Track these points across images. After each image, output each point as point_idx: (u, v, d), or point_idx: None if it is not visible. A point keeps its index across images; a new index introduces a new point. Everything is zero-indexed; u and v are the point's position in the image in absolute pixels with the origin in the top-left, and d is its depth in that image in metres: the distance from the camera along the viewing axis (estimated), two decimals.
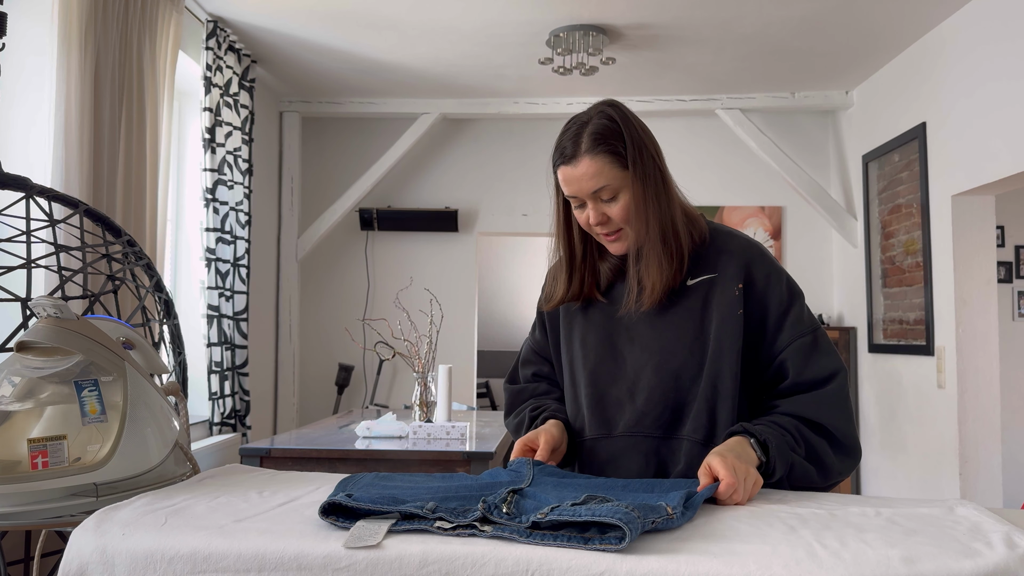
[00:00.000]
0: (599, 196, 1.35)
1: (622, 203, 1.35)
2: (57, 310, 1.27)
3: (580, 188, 1.35)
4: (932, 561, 0.89)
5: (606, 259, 1.47)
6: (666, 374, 1.37)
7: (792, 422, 1.32)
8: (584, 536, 0.93)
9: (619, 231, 1.38)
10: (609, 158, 1.34)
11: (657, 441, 1.38)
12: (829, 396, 1.35)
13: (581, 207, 1.38)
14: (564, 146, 1.37)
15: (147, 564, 0.96)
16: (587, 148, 1.34)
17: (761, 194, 5.11)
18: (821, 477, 1.31)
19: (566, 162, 1.35)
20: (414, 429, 2.78)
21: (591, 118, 1.37)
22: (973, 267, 3.66)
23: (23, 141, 2.51)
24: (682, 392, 1.37)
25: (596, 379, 1.43)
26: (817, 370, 1.36)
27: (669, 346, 1.38)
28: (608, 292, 1.47)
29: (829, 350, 1.39)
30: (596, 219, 1.36)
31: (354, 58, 4.23)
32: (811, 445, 1.31)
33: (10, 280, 1.90)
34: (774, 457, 1.26)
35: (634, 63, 4.25)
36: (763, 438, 1.27)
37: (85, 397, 1.23)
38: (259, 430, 4.50)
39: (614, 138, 1.34)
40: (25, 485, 1.15)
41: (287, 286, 4.91)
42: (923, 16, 3.66)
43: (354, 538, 0.94)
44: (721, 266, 1.41)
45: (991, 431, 3.61)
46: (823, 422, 1.33)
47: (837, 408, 1.35)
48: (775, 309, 1.39)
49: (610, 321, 1.45)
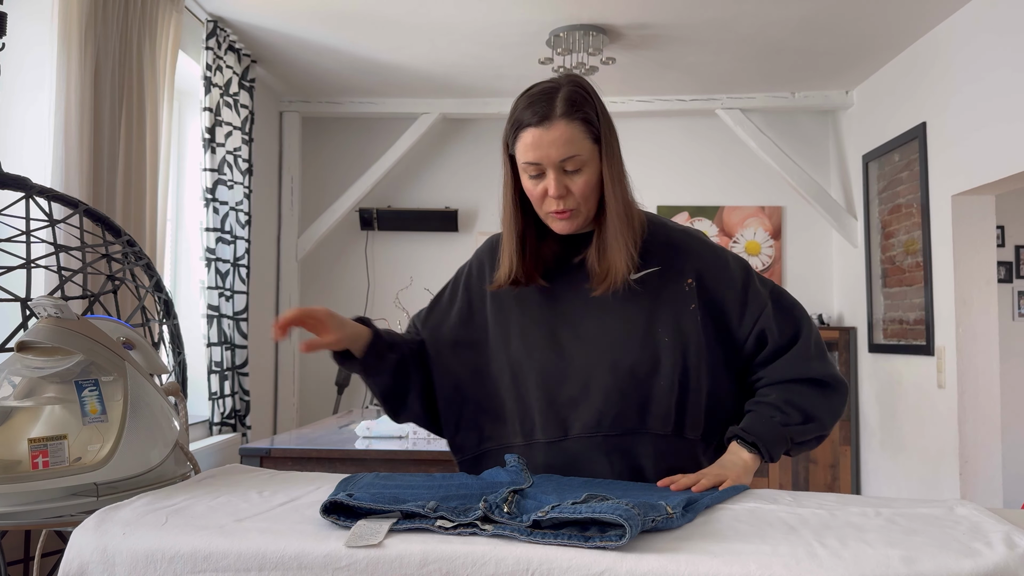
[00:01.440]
0: (564, 166, 1.29)
1: (585, 177, 1.30)
2: (57, 310, 1.27)
3: (548, 154, 1.27)
4: (932, 561, 0.89)
5: (545, 246, 1.40)
6: (621, 371, 1.32)
7: (779, 396, 1.36)
8: (585, 535, 0.93)
9: (574, 208, 1.32)
10: (583, 127, 1.28)
11: (619, 439, 1.32)
12: (804, 348, 1.39)
13: (538, 177, 1.31)
14: (533, 108, 1.28)
15: (148, 564, 0.96)
16: (563, 112, 1.27)
17: (761, 194, 5.11)
18: (820, 427, 1.37)
19: (538, 124, 1.27)
20: (414, 429, 2.78)
21: (561, 85, 1.30)
22: (973, 267, 3.66)
23: (23, 141, 2.51)
24: (641, 388, 1.32)
25: (546, 380, 1.35)
26: (788, 329, 1.40)
27: (620, 341, 1.33)
28: (548, 278, 1.39)
29: (791, 303, 1.43)
30: (557, 191, 1.29)
31: (354, 58, 4.23)
32: (804, 408, 1.35)
33: (10, 280, 1.90)
34: (767, 450, 1.32)
35: (634, 63, 4.25)
36: (751, 439, 1.32)
37: (86, 397, 1.23)
38: (259, 430, 4.50)
39: (588, 107, 1.30)
40: (25, 485, 1.15)
41: (287, 286, 4.91)
42: (923, 16, 3.66)
43: (355, 537, 0.94)
44: (666, 259, 1.37)
45: (991, 431, 3.61)
46: (809, 375, 1.38)
47: (815, 356, 1.39)
48: (733, 291, 1.39)
49: (552, 316, 1.38)
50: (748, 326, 1.38)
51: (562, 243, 1.40)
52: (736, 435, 1.34)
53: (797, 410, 1.35)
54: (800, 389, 1.37)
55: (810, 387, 1.38)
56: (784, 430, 1.33)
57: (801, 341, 1.39)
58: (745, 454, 1.32)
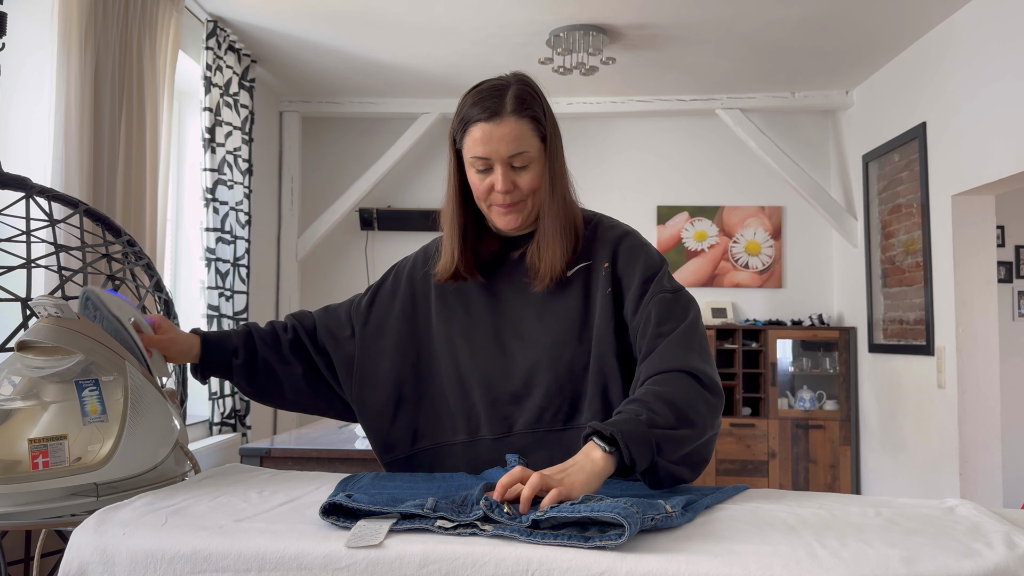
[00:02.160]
0: (512, 162, 1.31)
1: (532, 174, 1.33)
2: (58, 309, 1.27)
3: (497, 149, 1.30)
4: (932, 561, 0.89)
5: (486, 242, 1.42)
6: (560, 368, 1.34)
7: (651, 388, 1.21)
8: (585, 535, 0.93)
9: (520, 203, 1.34)
10: (531, 124, 1.31)
11: (559, 434, 1.34)
12: (683, 334, 1.28)
13: (485, 172, 1.33)
14: (482, 105, 1.31)
15: (147, 564, 0.96)
16: (513, 109, 1.30)
17: (761, 194, 5.11)
18: (696, 433, 1.19)
19: (488, 119, 1.29)
20: None
21: (510, 83, 1.33)
22: (973, 267, 3.66)
23: (23, 141, 2.51)
24: (576, 383, 1.34)
25: (489, 378, 1.37)
26: (676, 316, 1.30)
27: (558, 338, 1.35)
28: (486, 275, 1.42)
29: (687, 300, 1.35)
30: (504, 186, 1.31)
31: (354, 58, 4.23)
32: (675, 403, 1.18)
33: (10, 280, 1.89)
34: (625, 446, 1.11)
35: (634, 63, 4.25)
36: (609, 432, 1.12)
37: (86, 397, 1.23)
38: (259, 430, 4.50)
39: (536, 106, 1.32)
40: (25, 485, 1.15)
41: (287, 286, 4.91)
42: (923, 16, 3.66)
43: (356, 538, 0.94)
44: (595, 253, 1.39)
45: (991, 431, 3.61)
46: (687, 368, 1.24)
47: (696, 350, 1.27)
48: (640, 275, 1.35)
49: (494, 314, 1.40)
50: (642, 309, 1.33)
51: (501, 241, 1.43)
52: (595, 430, 1.14)
53: (670, 407, 1.18)
54: (677, 380, 1.23)
55: (689, 380, 1.23)
56: (648, 432, 1.13)
57: (682, 329, 1.28)
58: (597, 454, 1.11)
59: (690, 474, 1.21)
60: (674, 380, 1.23)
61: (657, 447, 1.14)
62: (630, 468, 1.13)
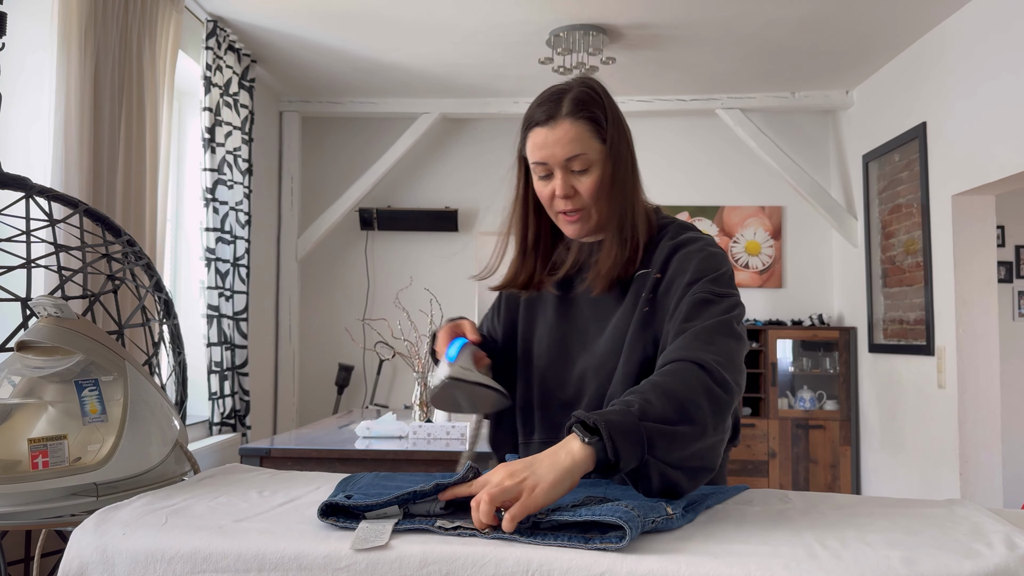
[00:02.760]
0: (570, 166, 1.28)
1: (593, 178, 1.29)
2: (58, 309, 1.27)
3: (554, 153, 1.27)
4: (932, 562, 0.89)
5: (562, 248, 1.39)
6: (604, 377, 1.30)
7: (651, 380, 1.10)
8: (585, 536, 0.93)
9: (581, 211, 1.31)
10: (589, 126, 1.28)
11: None
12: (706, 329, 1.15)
13: (547, 178, 1.30)
14: (542, 108, 1.29)
15: (147, 564, 0.96)
16: (568, 111, 1.27)
17: (761, 194, 5.11)
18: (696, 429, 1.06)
19: (543, 123, 1.28)
20: (414, 429, 2.78)
21: (572, 87, 1.31)
22: (973, 267, 3.66)
23: (23, 141, 2.51)
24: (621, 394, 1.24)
25: (544, 382, 1.37)
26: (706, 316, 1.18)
27: (608, 347, 1.31)
28: (562, 285, 1.38)
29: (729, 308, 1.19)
30: (563, 191, 1.28)
31: (354, 58, 4.22)
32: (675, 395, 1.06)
33: (10, 280, 1.89)
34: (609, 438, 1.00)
35: (634, 63, 4.25)
36: (592, 421, 1.01)
37: (85, 397, 1.23)
38: (259, 430, 4.50)
39: (596, 108, 1.29)
40: (25, 485, 1.15)
41: (287, 286, 4.91)
42: (923, 16, 3.66)
43: (360, 540, 0.94)
44: (655, 259, 1.32)
45: (991, 431, 3.61)
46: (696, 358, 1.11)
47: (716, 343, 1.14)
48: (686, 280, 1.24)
49: (564, 321, 1.38)
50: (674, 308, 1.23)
51: (578, 248, 1.38)
52: (577, 419, 1.03)
53: (665, 398, 1.05)
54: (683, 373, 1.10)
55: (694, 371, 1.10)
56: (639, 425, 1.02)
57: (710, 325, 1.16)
58: (575, 445, 1.01)
59: (687, 481, 1.07)
60: (680, 370, 1.11)
61: (648, 442, 1.01)
62: (614, 465, 1.01)
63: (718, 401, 1.09)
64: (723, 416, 1.10)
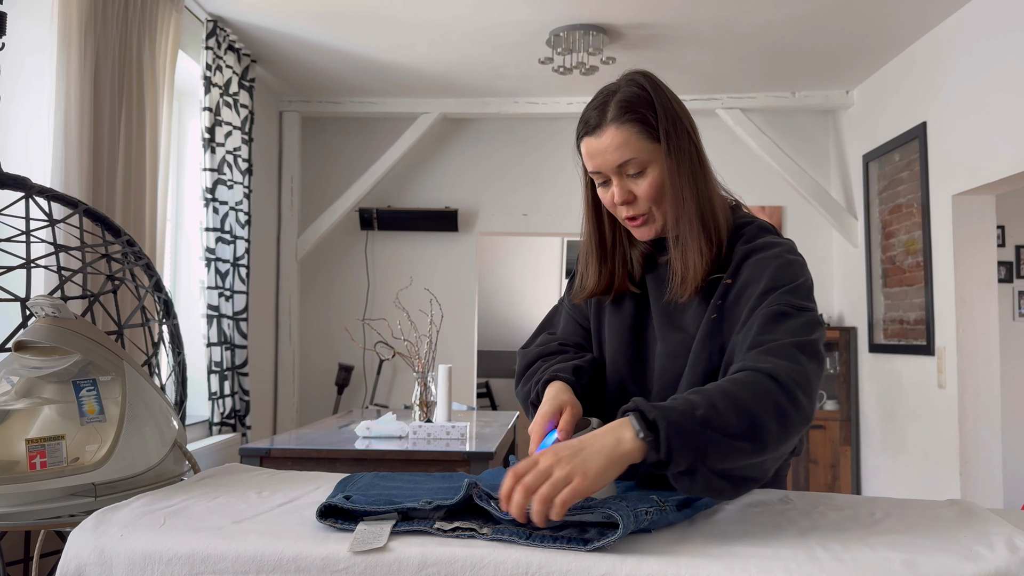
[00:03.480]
0: (624, 171, 1.24)
1: (650, 179, 1.24)
2: (55, 309, 1.27)
3: (603, 161, 1.24)
4: (933, 564, 0.89)
5: (637, 246, 1.34)
6: (668, 380, 1.26)
7: (721, 386, 1.04)
8: (584, 537, 0.93)
9: (645, 214, 1.26)
10: (637, 128, 1.22)
11: None
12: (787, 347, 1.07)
13: (605, 184, 1.27)
14: (588, 116, 1.26)
15: (145, 565, 0.96)
16: (613, 117, 1.23)
17: (761, 194, 5.10)
18: (756, 446, 1.00)
19: (590, 132, 1.25)
20: (414, 429, 2.77)
21: (620, 87, 1.26)
22: (973, 267, 3.66)
23: (23, 141, 2.51)
24: None
25: (619, 381, 1.33)
26: (787, 333, 1.10)
27: (673, 350, 1.26)
28: (640, 283, 1.34)
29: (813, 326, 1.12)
30: (621, 197, 1.24)
31: (354, 58, 4.22)
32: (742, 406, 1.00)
33: (9, 280, 1.89)
34: (668, 438, 0.96)
35: (634, 63, 4.25)
36: (652, 416, 0.97)
37: (83, 397, 1.23)
38: (259, 430, 4.50)
39: (643, 107, 1.23)
40: (23, 485, 1.15)
41: (287, 286, 4.90)
42: (923, 16, 3.66)
43: (358, 542, 0.94)
44: (736, 263, 1.24)
45: (991, 431, 3.60)
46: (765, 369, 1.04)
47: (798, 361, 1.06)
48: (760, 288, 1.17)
49: (639, 320, 1.33)
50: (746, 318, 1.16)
51: (647, 245, 1.35)
52: (636, 407, 0.99)
53: (734, 410, 1.00)
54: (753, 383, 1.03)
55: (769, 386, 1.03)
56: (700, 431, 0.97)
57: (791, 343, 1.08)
58: (627, 434, 0.97)
59: (731, 490, 1.04)
60: (754, 382, 1.03)
61: (703, 452, 0.97)
62: (661, 464, 0.97)
63: (787, 423, 1.02)
64: (789, 439, 1.04)
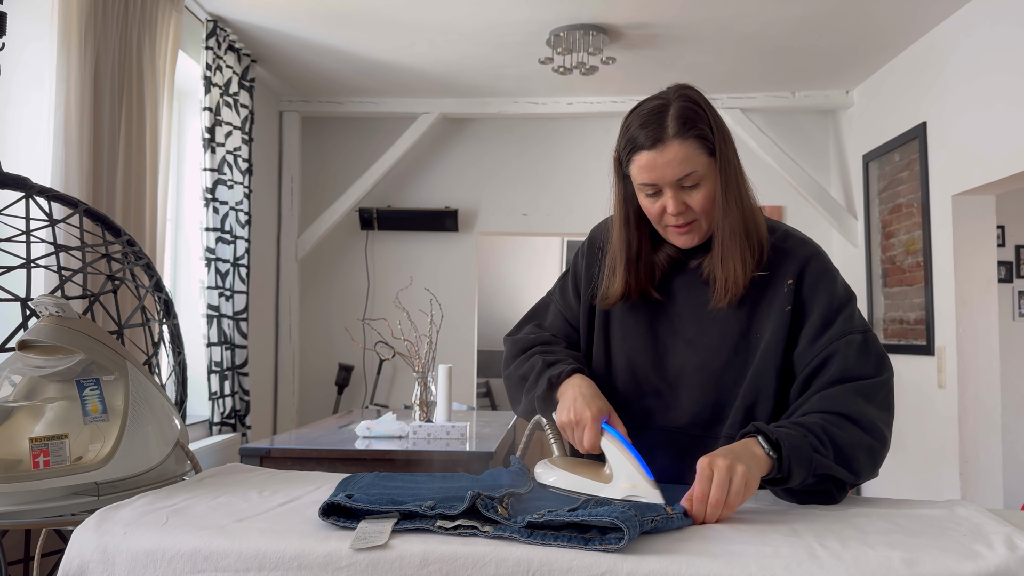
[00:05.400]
0: (682, 183, 1.28)
1: (704, 191, 1.29)
2: (59, 309, 1.27)
3: (664, 175, 1.27)
4: (933, 563, 0.89)
5: (660, 252, 1.40)
6: (709, 373, 1.32)
7: (819, 420, 1.19)
8: (585, 536, 0.93)
9: (692, 223, 1.31)
10: (697, 143, 1.27)
11: (692, 439, 1.32)
12: (872, 390, 1.24)
13: (655, 195, 1.30)
14: (646, 131, 1.28)
15: (148, 563, 0.96)
16: (675, 132, 1.26)
17: (761, 194, 5.01)
18: (847, 476, 1.19)
19: (651, 147, 1.27)
20: (414, 429, 2.78)
21: (671, 101, 1.29)
22: (973, 267, 3.66)
23: (23, 141, 2.51)
24: (724, 392, 1.32)
25: (635, 368, 1.37)
26: (867, 367, 1.26)
27: (715, 344, 1.33)
28: (662, 287, 1.39)
29: (881, 352, 1.29)
30: (676, 208, 1.28)
31: (354, 58, 4.22)
32: (839, 445, 1.18)
33: (10, 280, 1.89)
34: (788, 457, 1.12)
35: (634, 63, 4.25)
36: (775, 436, 1.14)
37: (87, 396, 1.23)
38: (259, 430, 4.50)
39: (701, 122, 1.28)
40: (26, 484, 1.15)
41: (287, 286, 4.91)
42: (923, 16, 3.66)
43: (360, 540, 0.94)
44: (775, 264, 1.33)
45: (991, 431, 3.60)
46: (862, 417, 1.21)
47: (879, 404, 1.24)
48: (825, 305, 1.30)
49: (655, 313, 1.38)
50: (824, 344, 1.27)
51: (678, 249, 1.39)
52: (760, 430, 1.16)
53: (833, 446, 1.18)
54: (847, 427, 1.20)
55: (858, 430, 1.20)
56: (813, 455, 1.14)
57: (876, 381, 1.25)
58: (759, 452, 1.14)
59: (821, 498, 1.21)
60: (849, 427, 1.20)
61: (813, 470, 1.14)
62: (776, 481, 1.15)
63: (875, 458, 1.22)
64: (876, 466, 1.23)
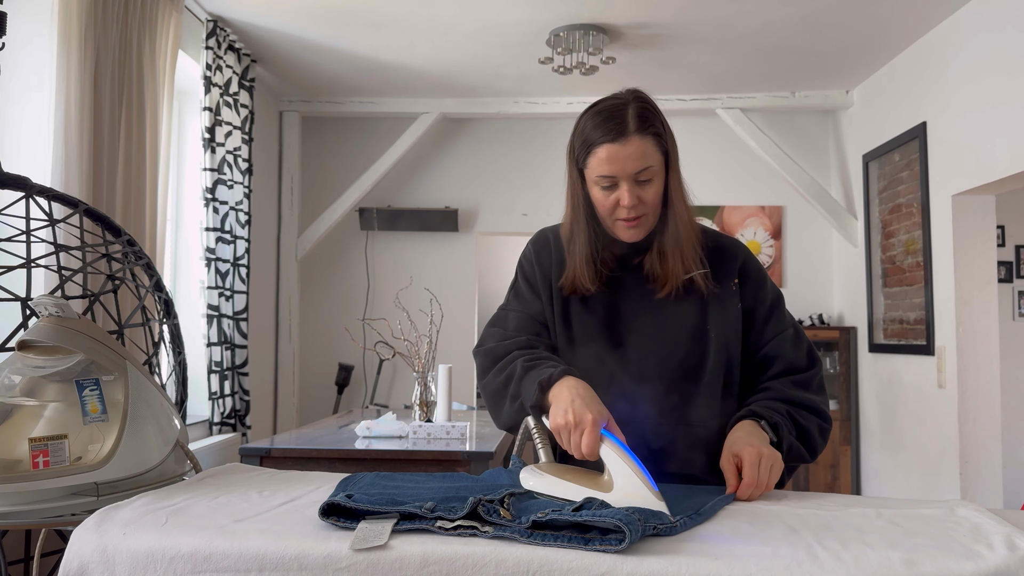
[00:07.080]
0: (638, 177, 1.36)
1: (655, 188, 1.38)
2: (59, 309, 1.27)
3: (625, 167, 1.35)
4: (933, 563, 0.89)
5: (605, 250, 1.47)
6: (671, 363, 1.41)
7: (783, 406, 1.40)
8: (585, 537, 0.93)
9: (641, 217, 1.39)
10: (654, 140, 1.36)
11: (656, 427, 1.38)
12: (816, 378, 1.47)
13: (610, 188, 1.38)
14: (609, 124, 1.36)
15: (147, 564, 0.96)
16: (636, 128, 1.35)
17: (761, 194, 5.11)
18: (809, 454, 1.40)
19: (613, 140, 1.35)
20: (414, 429, 2.78)
21: (628, 101, 1.38)
22: (973, 267, 3.66)
23: (23, 141, 2.51)
24: (687, 381, 1.41)
25: (599, 362, 1.42)
26: (802, 358, 1.48)
27: (672, 336, 1.42)
28: (609, 282, 1.47)
29: (809, 343, 1.52)
30: (630, 201, 1.36)
31: (354, 58, 4.22)
32: (800, 426, 1.40)
33: (10, 280, 1.89)
34: (786, 439, 1.33)
35: (634, 62, 4.25)
36: (773, 420, 1.34)
37: (86, 396, 1.23)
38: (259, 430, 4.50)
39: (656, 121, 1.38)
40: (26, 484, 1.15)
41: (287, 286, 4.91)
42: (923, 15, 3.66)
43: (360, 540, 0.94)
44: (714, 261, 1.45)
45: (991, 431, 3.60)
46: (811, 404, 1.42)
47: (819, 391, 1.47)
48: (764, 304, 1.48)
49: (609, 310, 1.46)
50: (765, 340, 1.46)
51: (622, 246, 1.47)
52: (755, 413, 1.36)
53: (796, 426, 1.39)
54: (803, 412, 1.41)
55: (811, 415, 1.42)
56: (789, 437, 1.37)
57: (811, 373, 1.47)
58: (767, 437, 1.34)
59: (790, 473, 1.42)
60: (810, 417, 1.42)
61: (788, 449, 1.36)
62: None
63: (826, 436, 1.44)
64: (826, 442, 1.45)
